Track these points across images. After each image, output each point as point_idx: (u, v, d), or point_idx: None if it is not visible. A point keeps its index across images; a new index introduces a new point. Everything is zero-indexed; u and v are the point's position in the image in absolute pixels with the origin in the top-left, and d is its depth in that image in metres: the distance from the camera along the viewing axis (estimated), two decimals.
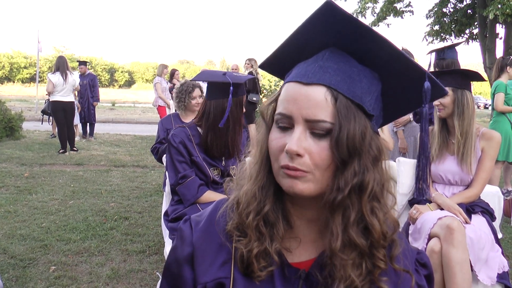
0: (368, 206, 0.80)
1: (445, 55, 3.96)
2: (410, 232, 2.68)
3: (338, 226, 0.79)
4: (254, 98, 8.92)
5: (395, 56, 0.81)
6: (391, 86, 0.85)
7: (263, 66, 0.95)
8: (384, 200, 0.83)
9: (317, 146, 0.78)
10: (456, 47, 4.05)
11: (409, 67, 0.82)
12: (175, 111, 4.24)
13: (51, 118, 10.10)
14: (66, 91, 8.60)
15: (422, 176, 0.95)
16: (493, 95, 5.57)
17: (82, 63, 11.18)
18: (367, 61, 0.83)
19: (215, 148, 2.63)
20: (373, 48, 0.81)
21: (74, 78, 8.77)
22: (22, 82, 50.62)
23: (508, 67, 5.48)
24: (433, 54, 4.09)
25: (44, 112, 10.21)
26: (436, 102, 2.71)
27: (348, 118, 0.77)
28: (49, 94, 8.74)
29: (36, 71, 19.76)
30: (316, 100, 0.78)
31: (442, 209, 2.64)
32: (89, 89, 10.61)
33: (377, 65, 0.83)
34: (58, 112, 8.70)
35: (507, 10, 11.73)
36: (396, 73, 0.83)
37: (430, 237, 2.48)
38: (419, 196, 0.98)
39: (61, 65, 8.52)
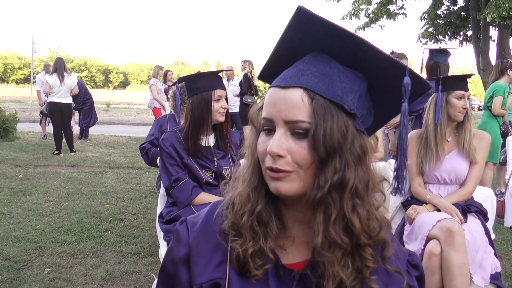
0: (350, 203, 0.81)
1: (432, 57, 4.05)
2: (405, 233, 2.69)
3: (320, 224, 0.81)
4: (249, 100, 8.94)
5: (375, 55, 0.83)
6: (377, 85, 0.87)
7: (261, 77, 0.98)
8: (369, 198, 0.84)
9: (298, 146, 0.80)
10: (447, 50, 4.11)
11: (389, 64, 0.83)
12: (170, 112, 4.23)
13: (44, 119, 10.05)
14: (63, 92, 8.57)
15: (400, 174, 0.91)
16: (490, 96, 5.59)
17: None
18: (350, 62, 0.85)
19: (191, 149, 2.63)
20: (352, 49, 0.83)
21: (72, 79, 8.73)
22: (16, 83, 50.49)
23: (509, 70, 5.54)
24: (427, 52, 4.17)
25: (42, 113, 10.16)
26: (464, 106, 2.73)
27: (325, 117, 0.79)
28: (46, 95, 8.71)
29: (30, 72, 19.64)
30: (293, 102, 0.80)
31: (438, 210, 2.67)
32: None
33: (359, 65, 0.85)
34: (54, 113, 8.67)
35: (503, 13, 11.80)
36: (378, 71, 0.85)
37: (428, 239, 2.49)
38: (394, 193, 0.94)
39: (58, 67, 8.49)
